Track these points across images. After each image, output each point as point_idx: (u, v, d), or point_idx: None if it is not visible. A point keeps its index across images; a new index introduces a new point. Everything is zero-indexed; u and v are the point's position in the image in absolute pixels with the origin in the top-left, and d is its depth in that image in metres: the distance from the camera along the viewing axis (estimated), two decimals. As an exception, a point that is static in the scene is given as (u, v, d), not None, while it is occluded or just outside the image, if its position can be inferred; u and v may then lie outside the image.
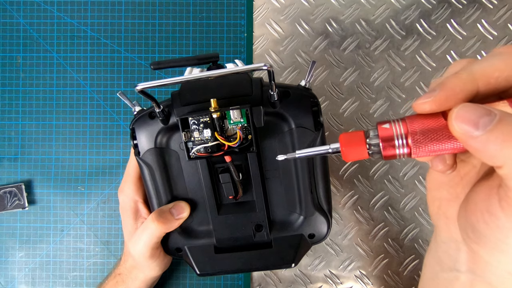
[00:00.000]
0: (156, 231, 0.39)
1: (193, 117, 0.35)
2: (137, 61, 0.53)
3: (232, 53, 0.52)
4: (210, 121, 0.35)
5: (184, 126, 0.36)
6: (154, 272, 0.44)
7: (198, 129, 0.35)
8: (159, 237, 0.40)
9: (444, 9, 0.52)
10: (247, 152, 0.37)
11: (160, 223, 0.39)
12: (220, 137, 0.35)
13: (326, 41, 0.52)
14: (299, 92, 0.39)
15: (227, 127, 0.36)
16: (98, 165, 0.53)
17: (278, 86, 0.37)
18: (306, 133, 0.38)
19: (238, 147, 0.36)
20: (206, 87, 0.38)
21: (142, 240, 0.40)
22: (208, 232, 0.42)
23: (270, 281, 0.52)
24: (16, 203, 0.52)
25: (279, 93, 0.37)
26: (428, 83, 0.52)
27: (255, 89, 0.38)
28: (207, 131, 0.35)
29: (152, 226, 0.39)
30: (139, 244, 0.41)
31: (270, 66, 0.32)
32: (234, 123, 0.36)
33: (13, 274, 0.52)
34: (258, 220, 0.41)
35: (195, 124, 0.35)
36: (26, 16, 0.53)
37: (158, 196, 0.41)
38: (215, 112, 0.35)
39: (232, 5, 0.53)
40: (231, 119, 0.36)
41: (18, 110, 0.53)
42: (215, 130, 0.35)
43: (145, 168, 0.40)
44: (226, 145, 0.36)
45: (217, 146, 0.36)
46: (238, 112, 0.35)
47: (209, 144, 0.35)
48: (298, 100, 0.38)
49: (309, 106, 0.38)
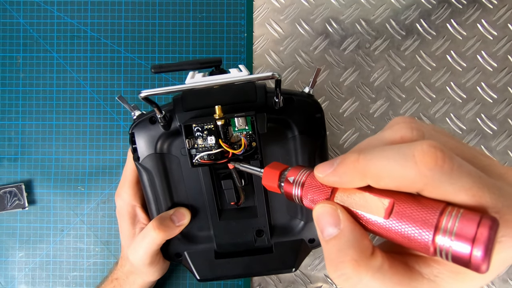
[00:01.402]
0: (156, 239, 0.39)
1: (197, 124, 0.35)
2: (137, 61, 0.53)
3: (232, 53, 0.52)
4: (214, 128, 0.35)
5: (187, 133, 0.35)
6: (153, 278, 0.44)
7: (202, 136, 0.35)
8: (160, 244, 0.40)
9: (444, 9, 0.52)
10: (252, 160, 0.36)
11: (161, 231, 0.39)
12: (224, 144, 0.35)
13: (326, 41, 0.52)
14: (303, 99, 0.38)
15: (231, 134, 0.36)
16: (98, 165, 0.53)
17: (281, 92, 0.37)
18: (309, 140, 0.38)
19: (242, 155, 0.35)
20: (209, 92, 0.37)
21: (142, 248, 0.40)
22: (208, 237, 0.41)
23: (270, 281, 0.52)
24: (16, 203, 0.52)
25: (283, 100, 0.37)
26: (428, 83, 0.52)
27: (259, 96, 0.37)
28: (211, 138, 0.35)
29: (153, 234, 0.39)
30: (138, 251, 0.40)
31: (279, 75, 0.32)
32: (238, 130, 0.35)
33: (13, 274, 0.52)
34: (259, 225, 0.41)
35: (199, 131, 0.35)
36: (26, 16, 0.53)
37: (158, 202, 0.41)
38: (220, 119, 0.34)
39: (232, 5, 0.53)
40: (235, 126, 0.35)
41: (18, 110, 0.53)
42: (219, 137, 0.35)
43: (145, 173, 0.40)
44: (230, 153, 0.35)
45: (221, 153, 0.35)
46: (243, 120, 0.35)
47: (213, 151, 0.35)
48: (302, 107, 0.38)
49: (312, 113, 0.38)
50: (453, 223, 0.17)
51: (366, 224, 0.20)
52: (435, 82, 0.52)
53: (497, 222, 0.17)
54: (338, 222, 0.20)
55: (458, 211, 0.17)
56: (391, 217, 0.19)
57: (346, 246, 0.19)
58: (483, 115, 0.52)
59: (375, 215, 0.19)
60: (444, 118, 0.52)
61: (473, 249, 0.16)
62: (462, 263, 0.17)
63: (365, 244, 0.19)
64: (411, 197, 0.19)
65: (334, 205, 0.21)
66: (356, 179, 0.20)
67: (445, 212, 0.18)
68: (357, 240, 0.19)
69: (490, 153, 0.52)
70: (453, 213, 0.17)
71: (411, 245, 0.18)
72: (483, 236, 0.16)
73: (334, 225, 0.20)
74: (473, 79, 0.52)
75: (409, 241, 0.18)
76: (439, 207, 0.18)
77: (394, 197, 0.19)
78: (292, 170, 0.25)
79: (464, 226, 0.17)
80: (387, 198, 0.19)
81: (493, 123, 0.52)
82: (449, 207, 0.18)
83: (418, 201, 0.19)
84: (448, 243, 0.17)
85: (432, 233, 0.17)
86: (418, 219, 0.18)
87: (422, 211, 0.18)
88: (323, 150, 0.40)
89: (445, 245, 0.17)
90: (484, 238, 0.16)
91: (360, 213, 0.20)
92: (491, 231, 0.16)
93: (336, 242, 0.20)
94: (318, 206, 0.21)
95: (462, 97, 0.52)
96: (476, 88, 0.52)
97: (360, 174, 0.20)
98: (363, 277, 0.19)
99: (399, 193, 0.19)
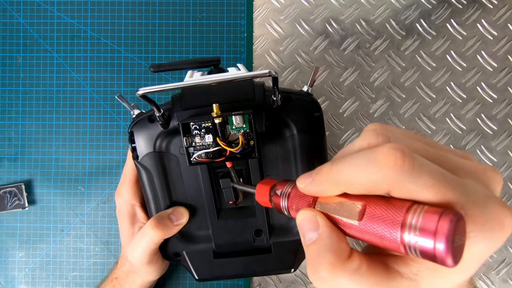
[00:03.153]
0: (154, 237, 0.39)
1: (194, 122, 0.35)
2: (137, 61, 0.53)
3: (232, 53, 0.52)
4: (212, 127, 0.35)
5: (185, 131, 0.35)
6: (152, 277, 0.44)
7: (199, 134, 0.35)
8: (158, 243, 0.40)
9: (444, 9, 0.52)
10: (249, 158, 0.36)
11: (159, 230, 0.39)
12: (222, 142, 0.35)
13: (326, 41, 0.52)
14: (301, 97, 0.38)
15: (229, 132, 0.36)
16: (98, 165, 0.53)
17: (280, 91, 0.37)
18: (308, 139, 0.38)
19: (240, 153, 0.35)
20: (207, 91, 0.37)
21: (141, 247, 0.40)
22: (207, 237, 0.41)
23: (270, 281, 0.52)
24: (16, 203, 0.52)
25: (281, 98, 0.37)
26: (428, 83, 0.52)
27: (257, 94, 0.37)
28: (208, 136, 0.35)
29: (151, 232, 0.39)
30: (137, 250, 0.40)
31: (275, 72, 0.32)
32: (236, 128, 0.35)
33: (13, 274, 0.52)
34: (258, 225, 0.40)
35: (197, 129, 0.35)
36: (26, 16, 0.53)
37: (157, 201, 0.41)
38: (218, 117, 0.34)
39: (232, 5, 0.53)
40: (233, 125, 0.35)
41: (18, 110, 0.53)
42: (217, 136, 0.35)
43: (144, 172, 0.40)
44: (228, 151, 0.35)
45: (218, 152, 0.35)
46: (241, 118, 0.35)
47: (211, 149, 0.35)
48: (300, 105, 0.38)
49: (311, 112, 0.38)
50: (417, 219, 0.18)
51: (344, 228, 0.21)
52: (435, 82, 0.52)
53: (460, 215, 0.17)
54: (317, 227, 0.21)
55: (422, 208, 0.18)
56: (364, 219, 0.20)
57: (324, 250, 0.20)
58: (483, 115, 0.52)
59: (350, 219, 0.20)
60: (444, 118, 0.52)
61: (435, 243, 0.17)
62: (430, 257, 0.17)
63: (342, 247, 0.20)
64: (383, 199, 0.20)
65: (314, 211, 0.22)
66: (331, 187, 0.21)
67: (410, 209, 0.18)
68: (334, 244, 0.20)
69: (490, 153, 0.52)
70: (417, 210, 0.18)
71: (385, 245, 0.19)
72: (443, 228, 0.17)
73: (313, 230, 0.21)
74: (473, 79, 0.52)
75: (382, 241, 0.19)
76: (405, 206, 0.19)
77: (367, 200, 0.20)
78: (279, 183, 0.26)
79: (427, 220, 0.17)
80: (359, 201, 0.20)
81: (493, 123, 0.52)
82: (415, 205, 0.18)
83: (387, 202, 0.19)
84: (414, 239, 0.18)
85: (399, 231, 0.18)
86: (387, 219, 0.19)
87: (390, 210, 0.19)
88: (322, 149, 0.40)
89: (411, 241, 0.18)
90: (444, 231, 0.17)
91: (338, 218, 0.21)
92: (451, 224, 0.17)
93: (315, 246, 0.21)
94: (300, 213, 0.22)
95: (462, 97, 0.52)
96: (476, 88, 0.52)
97: (334, 182, 0.21)
98: (339, 279, 0.19)
99: (372, 197, 0.20)
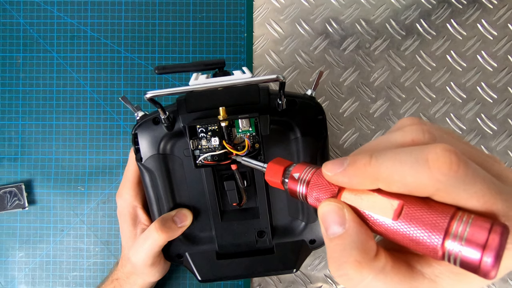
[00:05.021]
0: (159, 240, 0.39)
1: (201, 125, 0.35)
2: (137, 61, 0.53)
3: (232, 53, 0.52)
4: (218, 129, 0.35)
5: (191, 134, 0.35)
6: (153, 278, 0.44)
7: (206, 137, 0.35)
8: (162, 245, 0.40)
9: (444, 9, 0.52)
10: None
11: (163, 232, 0.39)
12: (228, 145, 0.35)
13: (326, 41, 0.52)
14: (306, 101, 0.39)
15: (235, 135, 0.36)
16: (98, 165, 0.53)
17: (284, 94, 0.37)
18: (311, 141, 0.39)
19: (245, 156, 0.36)
20: (212, 94, 0.37)
21: (144, 249, 0.40)
22: (209, 238, 0.41)
23: (270, 281, 0.52)
24: (16, 203, 0.52)
25: (286, 102, 0.37)
26: (428, 83, 0.52)
27: (262, 98, 0.38)
28: (215, 139, 0.35)
29: (155, 235, 0.39)
30: (140, 253, 0.40)
31: (283, 77, 0.32)
32: (242, 131, 0.36)
33: (13, 274, 0.52)
34: (261, 226, 0.41)
35: (203, 132, 0.35)
36: (26, 16, 0.53)
37: (160, 203, 0.41)
38: (224, 120, 0.34)
39: (232, 5, 0.53)
40: (239, 128, 0.36)
41: (18, 110, 0.53)
42: (223, 139, 0.35)
43: (147, 174, 0.40)
44: (234, 154, 0.36)
45: (224, 155, 0.36)
46: (247, 121, 0.35)
47: (217, 152, 0.35)
48: (305, 109, 0.39)
49: (315, 115, 0.39)
50: (464, 228, 0.17)
51: (372, 225, 0.20)
52: (435, 82, 0.52)
53: (508, 229, 0.17)
54: (344, 221, 0.20)
55: (469, 216, 0.17)
56: (400, 219, 0.19)
57: (350, 247, 0.19)
58: (483, 115, 0.52)
59: (383, 216, 0.19)
60: (444, 118, 0.52)
61: (483, 256, 0.16)
62: (471, 268, 0.17)
63: (370, 245, 0.19)
64: (421, 200, 0.19)
65: (341, 203, 0.20)
66: (366, 181, 0.19)
67: (455, 217, 0.17)
68: (362, 242, 0.19)
69: (490, 153, 0.52)
70: (463, 218, 0.17)
71: (418, 248, 0.18)
72: (495, 242, 0.16)
73: (339, 224, 0.20)
74: (473, 79, 0.52)
75: (417, 244, 0.18)
76: (449, 212, 0.18)
77: (403, 199, 0.19)
78: (297, 166, 0.24)
79: (475, 232, 0.17)
80: (396, 200, 0.19)
81: (493, 123, 0.52)
82: (460, 212, 0.18)
83: (428, 205, 0.18)
84: (457, 248, 0.17)
85: (441, 238, 0.17)
86: (427, 223, 0.18)
87: (432, 214, 0.18)
88: (325, 151, 0.40)
89: (455, 250, 0.17)
90: (495, 245, 0.16)
91: (367, 214, 0.20)
92: (502, 237, 0.16)
93: (340, 241, 0.20)
94: (324, 203, 0.21)
95: (462, 97, 0.52)
96: (476, 88, 0.52)
97: (372, 177, 0.19)
98: (365, 278, 0.19)
99: (408, 196, 0.19)
